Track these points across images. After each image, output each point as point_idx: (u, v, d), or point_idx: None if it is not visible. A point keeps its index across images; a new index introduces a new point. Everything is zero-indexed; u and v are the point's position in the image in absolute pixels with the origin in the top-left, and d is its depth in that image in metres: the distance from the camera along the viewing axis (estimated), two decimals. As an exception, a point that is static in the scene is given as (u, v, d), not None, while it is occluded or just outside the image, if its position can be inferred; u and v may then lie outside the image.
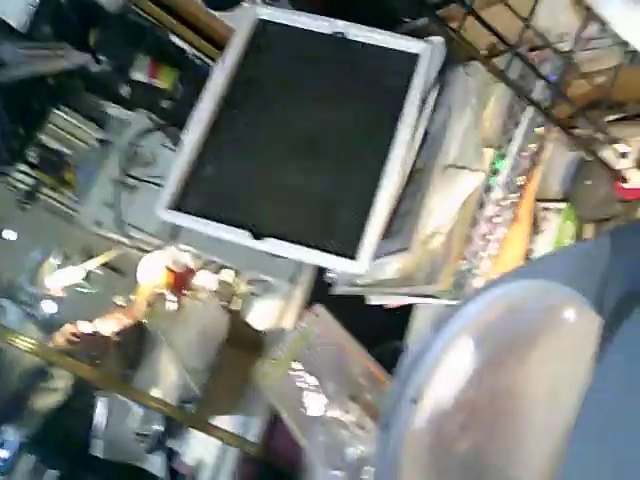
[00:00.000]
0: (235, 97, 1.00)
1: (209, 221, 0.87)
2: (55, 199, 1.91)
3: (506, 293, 0.48)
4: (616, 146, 0.76)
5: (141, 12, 1.49)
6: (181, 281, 1.79)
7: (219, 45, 1.46)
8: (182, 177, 0.90)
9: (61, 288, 1.90)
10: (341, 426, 1.02)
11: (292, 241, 0.84)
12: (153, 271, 1.77)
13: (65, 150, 2.07)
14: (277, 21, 1.06)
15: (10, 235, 2.12)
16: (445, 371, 0.54)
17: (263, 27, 1.06)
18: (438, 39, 0.99)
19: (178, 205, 0.89)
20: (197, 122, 0.95)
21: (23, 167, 1.96)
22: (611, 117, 0.85)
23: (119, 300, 1.89)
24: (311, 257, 0.84)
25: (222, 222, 0.87)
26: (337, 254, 0.84)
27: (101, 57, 1.59)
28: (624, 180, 0.78)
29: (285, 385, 1.09)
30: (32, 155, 1.96)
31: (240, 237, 0.86)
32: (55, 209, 1.90)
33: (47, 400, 2.00)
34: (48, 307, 2.02)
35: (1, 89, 1.74)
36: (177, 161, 0.92)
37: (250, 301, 1.74)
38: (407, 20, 1.12)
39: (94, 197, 1.56)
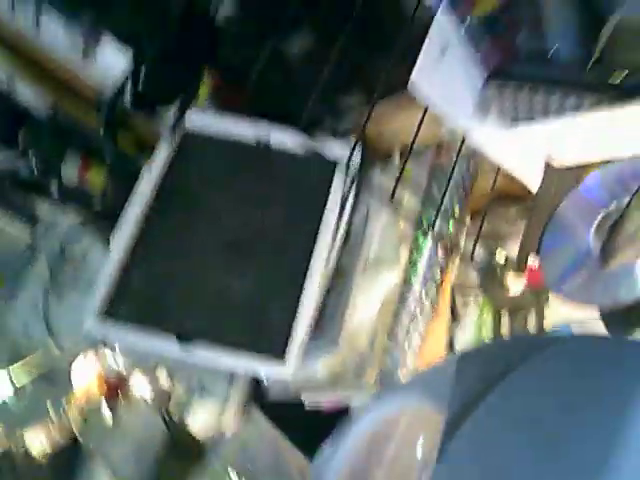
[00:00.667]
0: (162, 203, 1.11)
1: (138, 328, 0.95)
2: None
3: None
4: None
5: (69, 112, 1.61)
6: (115, 387, 1.81)
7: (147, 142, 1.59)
8: (110, 284, 0.99)
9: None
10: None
11: (220, 344, 0.93)
12: (84, 378, 1.79)
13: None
14: (202, 131, 1.20)
15: None
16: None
17: (188, 135, 1.20)
18: (354, 140, 1.15)
19: (107, 313, 0.97)
20: (125, 228, 1.06)
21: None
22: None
23: (49, 412, 1.88)
24: (239, 364, 0.93)
25: (150, 328, 0.95)
26: (266, 356, 0.93)
27: (29, 156, 1.70)
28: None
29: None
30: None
31: (167, 344, 0.94)
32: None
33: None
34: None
35: None
36: (105, 268, 1.01)
37: (187, 405, 1.77)
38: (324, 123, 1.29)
39: (22, 300, 1.61)
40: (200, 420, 1.69)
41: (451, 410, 0.44)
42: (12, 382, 1.94)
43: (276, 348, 0.95)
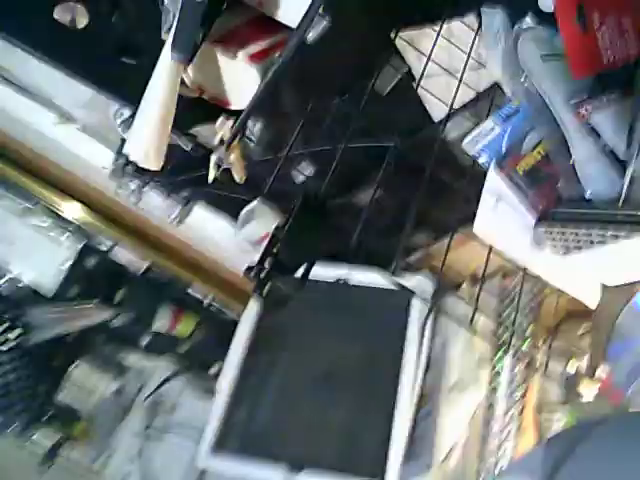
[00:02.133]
0: (260, 343, 1.29)
1: (248, 461, 1.09)
2: (72, 457, 2.10)
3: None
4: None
5: (163, 271, 1.87)
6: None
7: (237, 291, 1.82)
8: (219, 422, 1.15)
9: None
10: None
11: (323, 472, 1.05)
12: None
13: (81, 402, 2.33)
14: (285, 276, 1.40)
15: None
16: None
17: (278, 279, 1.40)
18: (426, 273, 1.32)
19: (217, 447, 1.12)
20: (228, 369, 1.23)
21: (40, 427, 2.19)
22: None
23: None
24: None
25: (259, 460, 1.09)
26: (366, 478, 1.04)
27: (125, 312, 1.95)
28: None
29: None
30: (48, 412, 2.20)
31: (277, 473, 1.07)
32: (74, 468, 2.08)
33: None
34: None
35: (26, 351, 2.08)
36: (214, 408, 1.17)
37: None
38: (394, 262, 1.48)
39: (120, 448, 1.77)
40: None
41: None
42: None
43: (375, 471, 1.06)
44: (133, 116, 0.71)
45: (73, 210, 1.77)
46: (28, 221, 1.84)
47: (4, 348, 2.07)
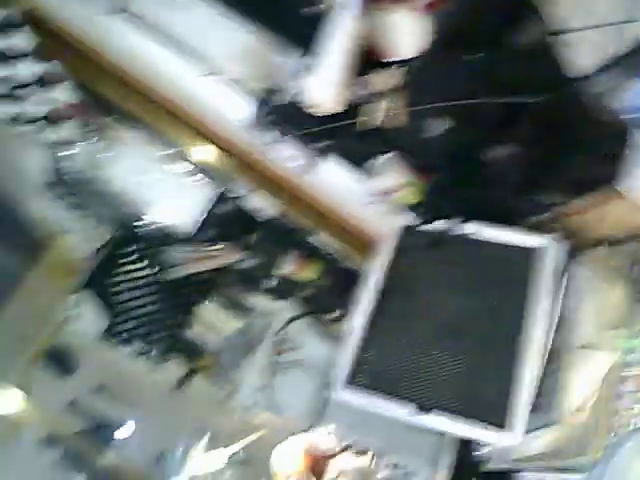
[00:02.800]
0: (388, 290, 1.36)
1: (376, 397, 1.18)
2: (201, 386, 2.31)
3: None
4: None
5: (292, 217, 1.97)
6: (319, 465, 2.03)
7: (359, 243, 1.89)
8: (351, 359, 1.24)
9: (204, 472, 2.20)
10: None
11: (451, 413, 1.11)
12: (289, 458, 2.03)
13: (208, 338, 2.53)
14: (418, 227, 1.45)
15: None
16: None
17: (408, 231, 1.45)
18: (560, 233, 1.32)
19: (350, 382, 1.21)
20: (359, 313, 1.31)
21: (172, 357, 2.41)
22: None
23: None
24: (469, 430, 1.10)
25: (389, 396, 1.17)
26: (490, 425, 1.09)
27: (254, 255, 2.08)
28: None
29: None
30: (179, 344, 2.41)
31: (405, 412, 1.14)
32: (203, 396, 2.29)
33: None
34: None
35: (162, 287, 2.28)
36: (345, 346, 1.26)
37: (391, 487, 1.92)
38: (530, 217, 1.48)
39: (247, 381, 1.93)
40: (404, 502, 1.83)
41: None
42: (229, 457, 2.25)
43: (497, 419, 1.11)
44: (308, 66, 0.77)
45: (212, 158, 1.90)
46: (172, 166, 2.00)
47: (144, 282, 2.30)
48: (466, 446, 1.35)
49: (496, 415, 1.12)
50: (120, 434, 2.45)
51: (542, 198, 1.36)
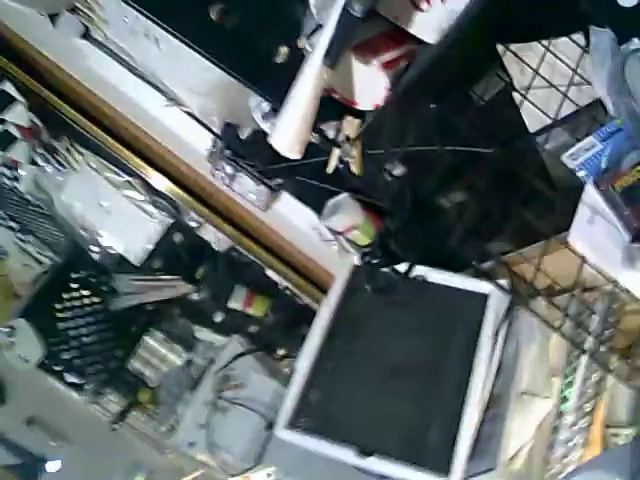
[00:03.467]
0: (336, 330, 1.37)
1: (319, 440, 1.17)
2: (141, 421, 2.25)
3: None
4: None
5: (243, 251, 1.98)
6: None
7: (311, 280, 1.90)
8: (295, 400, 1.23)
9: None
10: None
11: (393, 458, 1.12)
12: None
13: (149, 372, 2.48)
14: (369, 268, 1.47)
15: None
16: None
17: (358, 272, 1.47)
18: (503, 281, 1.36)
19: (292, 424, 1.20)
20: (307, 352, 1.31)
21: (112, 389, 2.34)
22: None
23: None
24: (412, 476, 1.11)
25: (330, 440, 1.16)
26: (432, 471, 1.10)
27: (203, 287, 2.07)
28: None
29: None
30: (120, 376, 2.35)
31: (347, 455, 1.14)
32: (142, 431, 2.23)
33: None
34: None
35: (107, 316, 2.23)
36: (291, 387, 1.26)
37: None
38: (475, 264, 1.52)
39: (187, 419, 1.89)
40: None
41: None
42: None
43: (440, 465, 1.12)
44: (274, 111, 0.79)
45: (167, 187, 1.90)
46: (125, 193, 1.98)
47: (86, 311, 2.24)
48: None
49: (439, 462, 1.13)
50: (48, 469, 2.36)
51: (489, 246, 1.41)
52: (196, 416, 1.87)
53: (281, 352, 2.11)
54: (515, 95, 1.13)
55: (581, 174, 0.96)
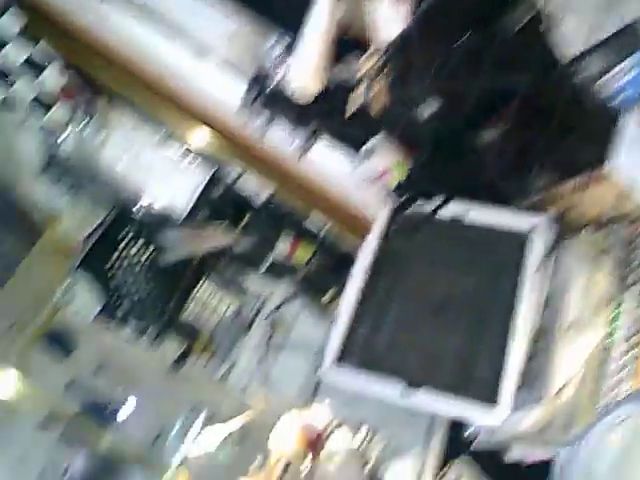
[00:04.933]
0: (378, 270, 1.36)
1: (367, 375, 1.18)
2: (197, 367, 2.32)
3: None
4: None
5: (283, 199, 1.97)
6: (315, 442, 2.05)
7: (351, 224, 1.88)
8: (341, 337, 1.24)
9: (200, 452, 2.22)
10: None
11: (439, 392, 1.12)
12: (285, 436, 2.05)
13: (203, 319, 2.53)
14: (408, 208, 1.44)
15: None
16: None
17: (397, 212, 1.45)
18: (548, 215, 1.31)
19: (340, 361, 1.22)
20: (350, 289, 1.31)
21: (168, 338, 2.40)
22: None
23: (254, 465, 2.16)
24: (460, 408, 1.11)
25: (378, 375, 1.17)
26: (479, 402, 1.10)
27: (248, 237, 2.08)
28: None
29: None
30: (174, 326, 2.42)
31: (394, 389, 1.15)
32: (199, 376, 2.30)
33: None
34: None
35: (158, 270, 2.28)
36: (336, 324, 1.26)
37: (383, 463, 1.94)
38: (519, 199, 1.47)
39: (242, 361, 1.93)
40: (396, 478, 1.85)
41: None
42: (225, 436, 2.26)
43: (487, 397, 1.12)
44: (289, 48, 0.76)
45: (205, 140, 1.89)
46: (163, 150, 1.98)
47: (138, 263, 2.29)
48: (457, 424, 1.35)
49: (486, 393, 1.13)
50: (119, 415, 2.47)
51: (531, 180, 1.36)
52: (250, 358, 1.91)
53: (327, 296, 2.12)
54: (545, 24, 1.05)
55: (618, 100, 0.90)
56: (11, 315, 2.87)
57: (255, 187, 2.00)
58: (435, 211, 1.32)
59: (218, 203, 2.11)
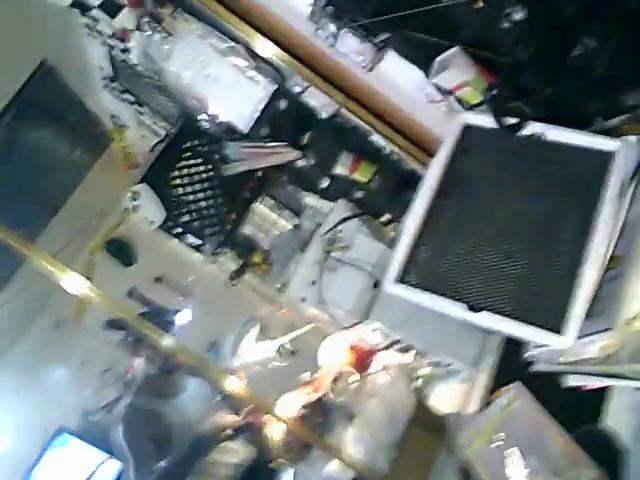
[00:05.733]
0: (446, 189, 1.30)
1: (428, 294, 1.15)
2: (256, 278, 2.35)
3: None
4: None
5: (349, 115, 1.90)
6: (364, 359, 2.07)
7: (418, 143, 1.81)
8: (404, 256, 1.20)
9: (254, 361, 2.29)
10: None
11: (503, 315, 1.08)
12: (336, 351, 2.07)
13: (261, 234, 2.55)
14: (480, 125, 1.36)
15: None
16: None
17: (469, 130, 1.37)
18: (633, 138, 1.21)
19: (401, 280, 1.18)
20: (415, 210, 1.26)
21: (227, 251, 2.43)
22: None
23: (306, 375, 2.21)
24: (522, 331, 1.07)
25: (440, 295, 1.14)
26: (544, 328, 1.06)
27: (309, 154, 2.03)
28: None
29: (488, 456, 1.28)
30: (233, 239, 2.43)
31: (456, 309, 1.12)
32: (255, 288, 2.34)
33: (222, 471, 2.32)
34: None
35: (220, 182, 2.27)
36: (400, 242, 1.22)
37: (431, 383, 1.95)
38: (599, 120, 1.36)
39: (297, 277, 1.93)
40: (444, 398, 1.86)
41: None
42: (278, 347, 2.31)
43: (555, 323, 1.07)
44: None
45: (272, 51, 1.81)
46: (230, 60, 1.92)
47: (200, 177, 2.29)
48: (512, 347, 1.32)
49: (551, 318, 1.08)
50: (177, 321, 2.55)
51: (620, 99, 1.25)
52: (306, 274, 1.91)
53: (386, 216, 2.07)
54: None
55: None
56: (77, 224, 2.97)
57: (320, 102, 1.93)
58: (514, 128, 1.23)
59: (282, 118, 2.05)
